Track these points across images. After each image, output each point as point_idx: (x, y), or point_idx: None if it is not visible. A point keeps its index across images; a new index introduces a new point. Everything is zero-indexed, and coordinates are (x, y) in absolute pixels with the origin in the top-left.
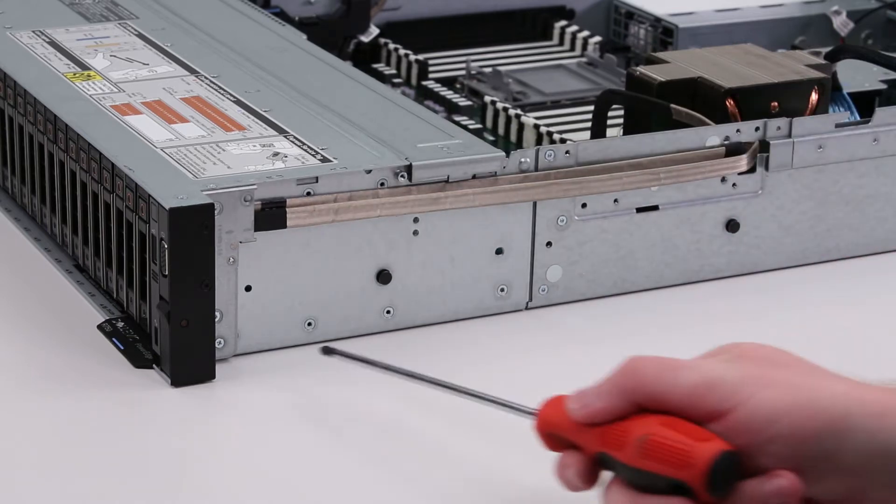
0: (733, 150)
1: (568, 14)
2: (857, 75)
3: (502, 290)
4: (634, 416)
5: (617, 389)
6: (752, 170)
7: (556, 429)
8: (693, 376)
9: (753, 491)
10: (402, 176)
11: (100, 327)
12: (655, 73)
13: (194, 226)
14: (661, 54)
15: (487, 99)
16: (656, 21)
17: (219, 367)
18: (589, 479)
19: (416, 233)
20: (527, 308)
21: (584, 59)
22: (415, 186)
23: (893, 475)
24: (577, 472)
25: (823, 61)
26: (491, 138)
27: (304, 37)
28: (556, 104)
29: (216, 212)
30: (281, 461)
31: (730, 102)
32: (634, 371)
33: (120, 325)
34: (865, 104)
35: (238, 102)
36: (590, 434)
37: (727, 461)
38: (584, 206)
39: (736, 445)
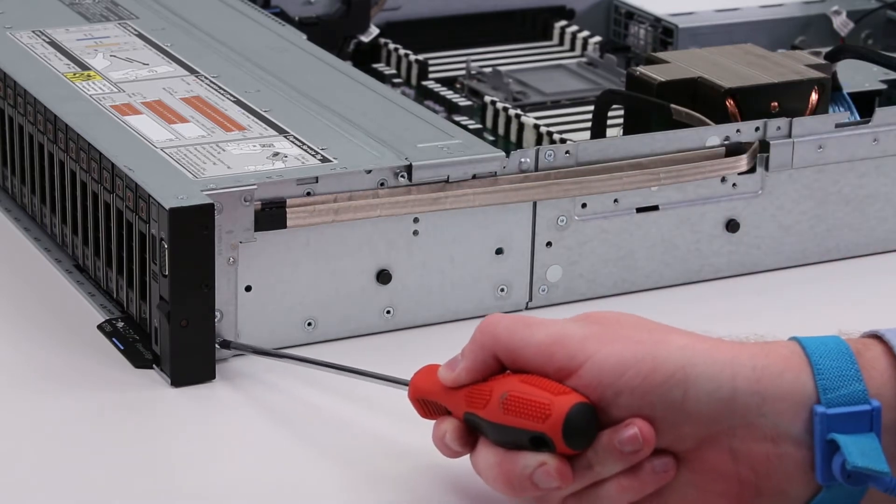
0: (733, 150)
1: (568, 14)
2: (857, 75)
3: (502, 290)
4: (497, 377)
5: (477, 347)
6: (752, 170)
7: (426, 394)
8: (542, 332)
9: (609, 440)
10: (402, 176)
11: (100, 327)
12: (655, 73)
13: (194, 226)
14: (661, 54)
15: (487, 99)
16: (656, 21)
17: (219, 367)
18: (465, 443)
19: (416, 233)
20: (527, 308)
21: (584, 59)
22: (415, 186)
23: (742, 421)
24: (452, 437)
25: (823, 61)
26: (491, 138)
27: (304, 37)
28: (556, 104)
29: (216, 212)
30: (281, 461)
31: (730, 102)
32: (490, 327)
33: (120, 325)
34: (865, 104)
35: (238, 102)
36: (457, 396)
37: (582, 413)
38: (584, 206)
39: (590, 399)
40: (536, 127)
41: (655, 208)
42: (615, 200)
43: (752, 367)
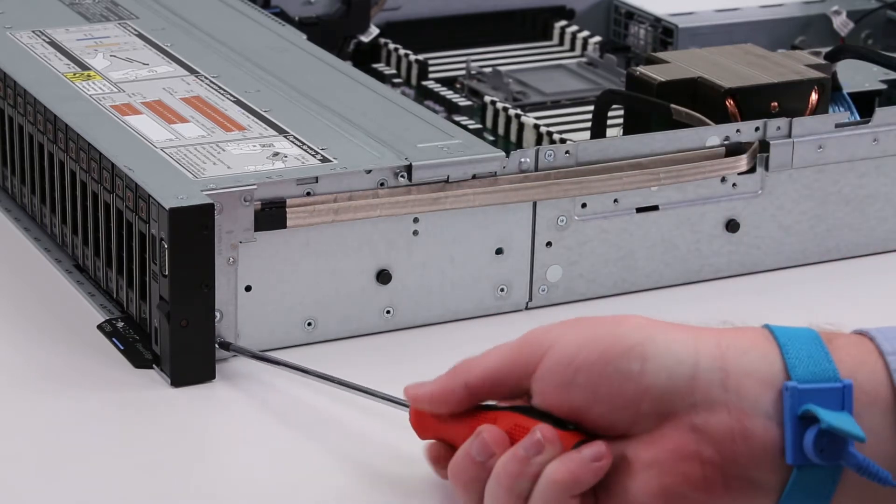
0: (733, 150)
1: (568, 14)
2: (857, 75)
3: (502, 290)
4: (499, 412)
5: (449, 373)
6: (752, 170)
7: (424, 428)
8: (510, 342)
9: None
10: (402, 176)
11: (100, 327)
12: (655, 73)
13: (194, 226)
14: (661, 54)
15: (487, 99)
16: (656, 21)
17: (219, 367)
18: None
19: (416, 233)
20: (527, 308)
21: (584, 59)
22: (415, 186)
23: (705, 397)
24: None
25: (823, 61)
26: (491, 138)
27: (304, 37)
28: (556, 104)
29: (216, 212)
30: (280, 461)
31: (730, 102)
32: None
33: (120, 325)
34: (865, 104)
35: (238, 102)
36: (457, 427)
37: None
38: (584, 206)
39: (554, 388)
40: (536, 127)
41: (655, 208)
42: (615, 200)
43: (715, 344)
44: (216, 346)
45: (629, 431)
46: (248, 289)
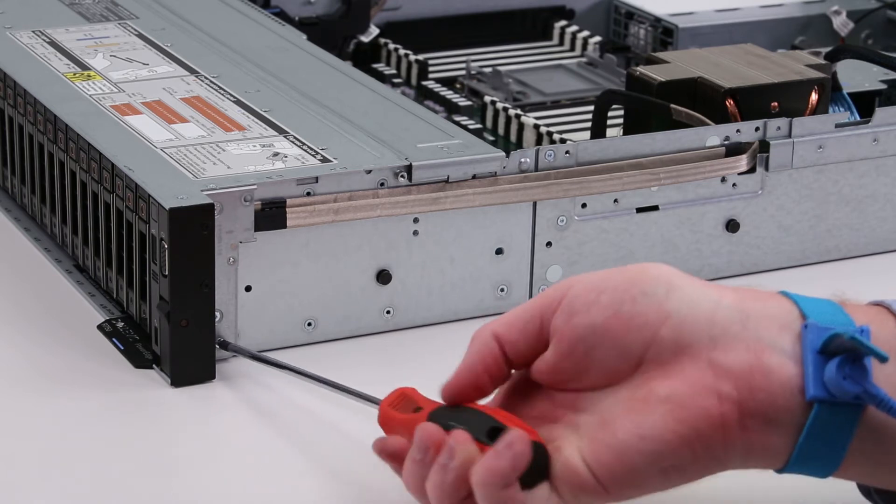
0: (733, 150)
1: (568, 14)
2: (857, 75)
3: (502, 290)
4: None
5: (473, 345)
6: (752, 170)
7: (391, 426)
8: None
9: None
10: (402, 176)
11: (100, 327)
12: (655, 73)
13: (194, 226)
14: (661, 54)
15: (487, 99)
16: (656, 21)
17: (219, 367)
18: None
19: (416, 233)
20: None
21: (584, 59)
22: (415, 186)
23: (724, 332)
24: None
25: (823, 61)
26: (491, 138)
27: (304, 37)
28: (556, 104)
29: (216, 212)
30: (280, 462)
31: (730, 102)
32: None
33: (120, 325)
34: (865, 104)
35: (238, 102)
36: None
37: (538, 451)
38: (584, 206)
39: (575, 313)
40: (536, 127)
41: (655, 208)
42: (615, 200)
43: (735, 292)
44: (216, 346)
45: (641, 360)
46: (248, 289)
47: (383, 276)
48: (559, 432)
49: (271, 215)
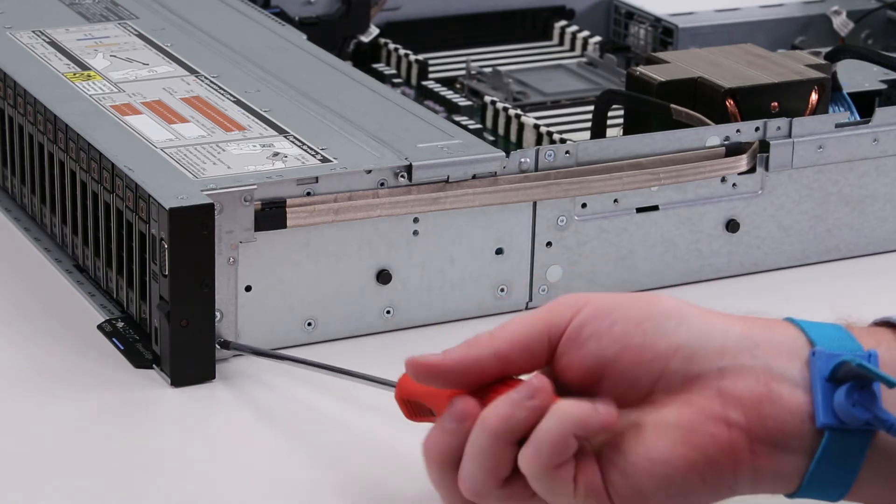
0: (733, 150)
1: (568, 14)
2: (857, 75)
3: (502, 290)
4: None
5: (467, 345)
6: (752, 170)
7: (412, 395)
8: (531, 311)
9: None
10: (402, 176)
11: (100, 327)
12: (655, 73)
13: (194, 226)
14: (661, 54)
15: (487, 99)
16: (656, 21)
17: (219, 367)
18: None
19: (416, 233)
20: (527, 308)
21: (584, 59)
22: (415, 186)
23: (733, 363)
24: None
25: (823, 61)
26: (491, 138)
27: (304, 37)
28: (556, 104)
29: (216, 212)
30: (280, 462)
31: (730, 102)
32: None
33: (120, 325)
34: (865, 104)
35: (238, 102)
36: (441, 396)
37: None
38: (584, 206)
39: (585, 340)
40: (536, 127)
41: (655, 208)
42: (615, 200)
43: (742, 321)
44: (217, 345)
45: (651, 391)
46: (248, 289)
47: (383, 276)
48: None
49: (271, 215)
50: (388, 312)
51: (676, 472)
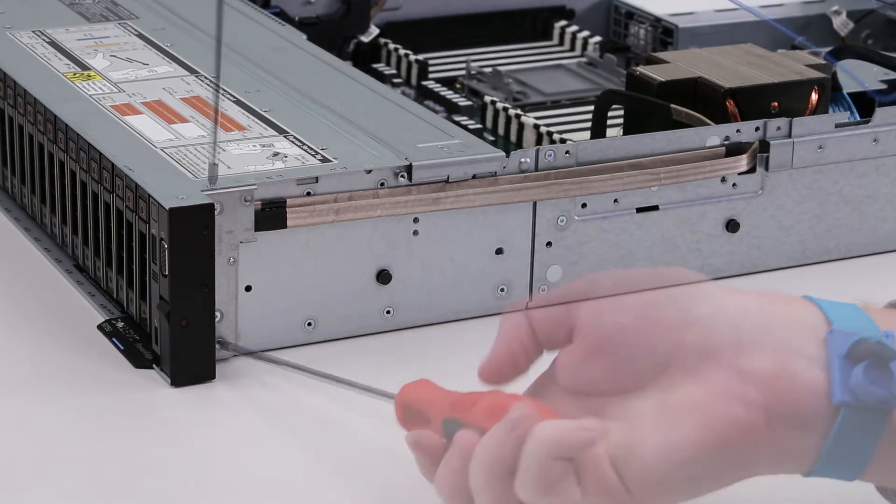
0: (733, 150)
1: (568, 14)
2: (858, 75)
3: (502, 290)
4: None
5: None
6: (752, 170)
7: (412, 401)
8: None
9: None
10: (402, 176)
11: (100, 327)
12: (655, 73)
13: (194, 226)
14: (661, 54)
15: (487, 99)
16: (656, 21)
17: (219, 367)
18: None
19: (416, 233)
20: (526, 308)
21: (584, 59)
22: (415, 186)
23: (750, 338)
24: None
25: (823, 61)
26: (491, 138)
27: (304, 37)
28: (556, 104)
29: (216, 212)
30: (281, 462)
31: (730, 102)
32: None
33: (120, 325)
34: (865, 104)
35: (238, 102)
36: (441, 404)
37: None
38: (584, 206)
39: (601, 311)
40: (536, 127)
41: (655, 208)
42: (615, 200)
43: (760, 297)
44: (217, 345)
45: (666, 363)
46: (248, 289)
47: (383, 276)
48: None
49: (271, 215)
50: (388, 312)
51: (696, 456)
